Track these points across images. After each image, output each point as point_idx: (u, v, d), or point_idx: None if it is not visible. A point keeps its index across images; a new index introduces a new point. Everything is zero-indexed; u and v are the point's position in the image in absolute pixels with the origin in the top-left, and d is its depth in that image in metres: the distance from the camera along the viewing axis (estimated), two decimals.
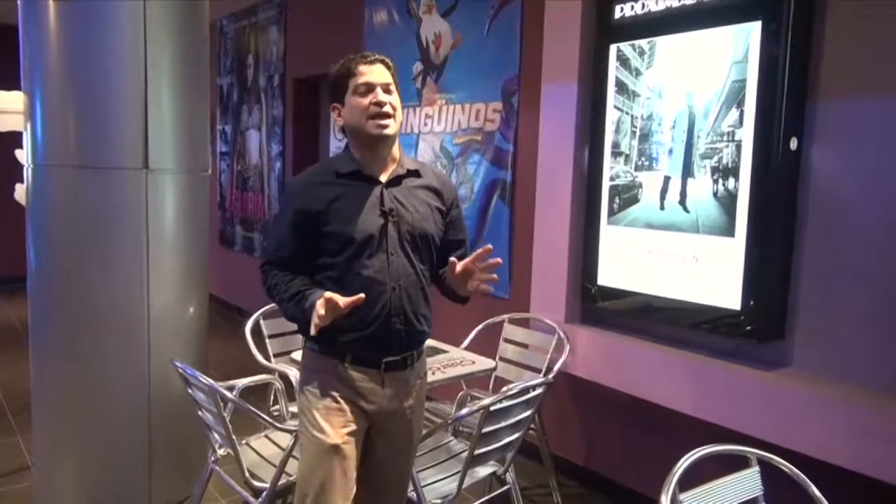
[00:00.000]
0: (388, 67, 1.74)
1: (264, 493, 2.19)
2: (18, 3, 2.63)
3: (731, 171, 2.35)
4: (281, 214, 1.81)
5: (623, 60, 2.70)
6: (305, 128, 5.38)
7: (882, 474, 2.01)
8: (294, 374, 2.68)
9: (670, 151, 2.55)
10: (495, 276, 1.68)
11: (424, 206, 1.79)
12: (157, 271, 2.69)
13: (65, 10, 2.52)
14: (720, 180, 2.39)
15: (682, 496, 1.52)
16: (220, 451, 2.39)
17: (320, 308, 1.58)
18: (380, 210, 1.72)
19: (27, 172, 2.68)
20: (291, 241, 1.76)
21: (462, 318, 2.93)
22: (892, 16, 2.09)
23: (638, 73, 2.65)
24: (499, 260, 1.66)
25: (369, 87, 1.69)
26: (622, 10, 2.68)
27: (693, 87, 2.47)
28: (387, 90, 1.70)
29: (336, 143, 5.15)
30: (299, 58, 5.27)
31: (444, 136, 3.83)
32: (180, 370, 2.22)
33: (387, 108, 1.68)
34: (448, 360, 2.64)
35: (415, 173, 1.81)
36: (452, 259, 1.67)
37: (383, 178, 1.76)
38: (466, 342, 3.01)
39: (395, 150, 1.78)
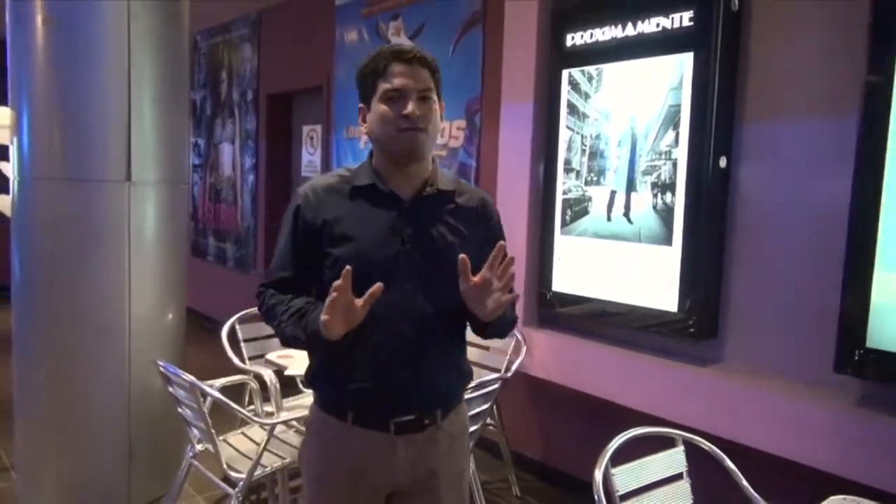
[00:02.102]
0: (429, 67, 1.43)
1: (241, 484, 2.36)
2: (7, 21, 2.77)
3: (669, 186, 2.60)
4: (283, 226, 1.52)
5: (574, 84, 2.95)
6: (278, 142, 5.55)
7: (806, 459, 2.24)
8: (269, 374, 2.86)
9: (616, 168, 2.79)
10: (516, 293, 1.40)
11: (456, 232, 1.49)
12: (138, 279, 2.84)
13: (51, 28, 2.66)
14: (659, 194, 2.63)
15: (613, 470, 1.74)
16: (199, 447, 2.55)
17: (329, 307, 1.29)
18: (396, 233, 1.44)
19: (13, 185, 2.82)
20: (292, 258, 1.48)
21: None
22: (804, 49, 2.36)
23: (587, 96, 2.90)
24: (513, 257, 1.35)
25: (401, 95, 1.39)
26: (573, 38, 2.92)
27: (635, 110, 2.72)
28: (423, 97, 1.40)
29: (308, 157, 5.33)
30: (273, 74, 5.45)
31: None
32: (162, 369, 2.38)
33: (418, 122, 1.38)
34: None
35: (450, 194, 1.51)
36: (462, 265, 1.35)
37: (407, 196, 1.46)
38: None
39: (429, 165, 1.49)
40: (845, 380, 2.21)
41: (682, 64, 2.54)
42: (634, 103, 2.72)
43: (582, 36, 2.89)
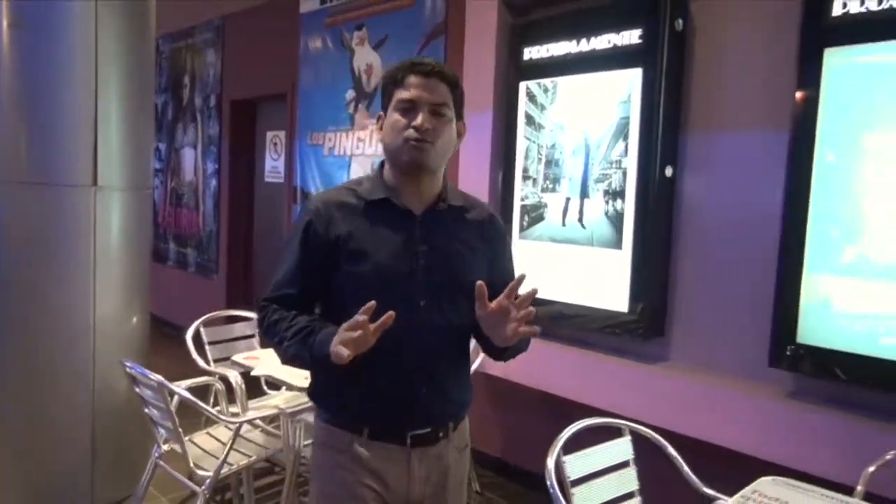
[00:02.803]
0: (448, 83, 1.42)
1: (208, 481, 2.42)
2: None
3: (619, 193, 2.76)
4: (291, 240, 1.49)
5: (531, 96, 3.09)
6: (242, 148, 5.58)
7: (744, 447, 2.40)
8: (234, 375, 2.92)
9: (570, 176, 2.94)
10: (536, 328, 1.35)
11: (467, 248, 1.49)
12: (103, 283, 2.87)
13: (18, 33, 2.67)
14: (610, 201, 2.79)
15: (565, 458, 1.86)
16: (165, 447, 2.59)
17: (347, 333, 1.28)
18: (410, 249, 1.43)
19: None
20: (300, 273, 1.46)
21: None
22: (741, 67, 2.54)
23: (543, 107, 3.04)
24: (535, 289, 1.36)
25: (413, 106, 1.39)
26: (530, 52, 3.07)
27: (588, 121, 2.87)
28: (436, 111, 1.39)
29: (271, 163, 5.38)
30: (236, 80, 5.48)
31: (375, 158, 4.14)
32: (129, 369, 2.43)
33: (426, 135, 1.38)
34: None
35: (460, 209, 1.52)
36: (479, 291, 1.35)
37: (419, 210, 1.46)
38: None
39: (440, 180, 1.49)
40: (779, 373, 2.39)
41: (631, 79, 2.70)
42: (587, 115, 2.87)
43: (538, 50, 3.03)
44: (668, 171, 2.69)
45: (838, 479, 2.02)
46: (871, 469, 1.98)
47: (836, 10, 2.18)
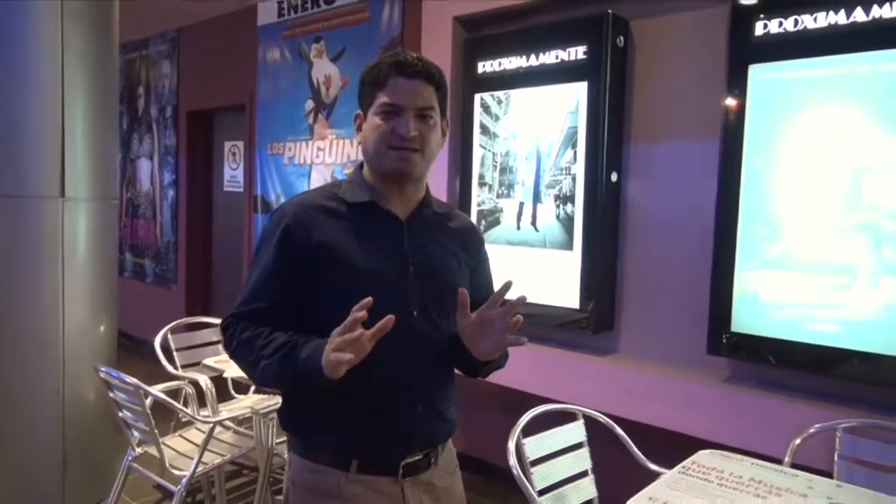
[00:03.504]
0: (434, 83, 1.33)
1: (184, 480, 2.50)
2: None
3: (569, 198, 2.96)
4: (261, 250, 1.33)
5: (485, 107, 3.27)
6: (200, 158, 5.61)
7: (687, 429, 2.60)
8: (204, 379, 3.01)
9: (523, 182, 3.13)
10: (524, 339, 1.24)
11: (452, 256, 1.41)
12: (71, 293, 2.91)
13: None
14: (561, 206, 2.98)
15: (524, 440, 2.03)
16: (139, 449, 2.67)
17: (342, 337, 1.14)
18: (399, 256, 1.33)
19: None
20: (274, 284, 1.30)
21: None
22: (678, 80, 2.77)
23: (497, 118, 3.23)
24: (523, 297, 1.24)
25: (397, 111, 1.28)
26: (484, 66, 3.25)
27: (539, 130, 3.07)
28: (422, 115, 1.30)
29: (230, 173, 5.43)
30: (193, 91, 5.52)
31: (335, 166, 4.26)
32: (103, 374, 2.50)
33: (413, 143, 1.28)
34: None
35: (443, 217, 1.45)
36: (462, 298, 1.26)
37: (403, 215, 1.37)
38: None
39: (423, 186, 1.41)
40: (717, 360, 2.62)
41: (577, 91, 2.91)
42: (538, 125, 3.07)
43: (491, 64, 3.22)
44: (614, 177, 2.90)
45: (769, 452, 2.24)
46: (797, 442, 2.22)
47: (759, 31, 2.42)
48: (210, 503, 3.06)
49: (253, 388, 3.21)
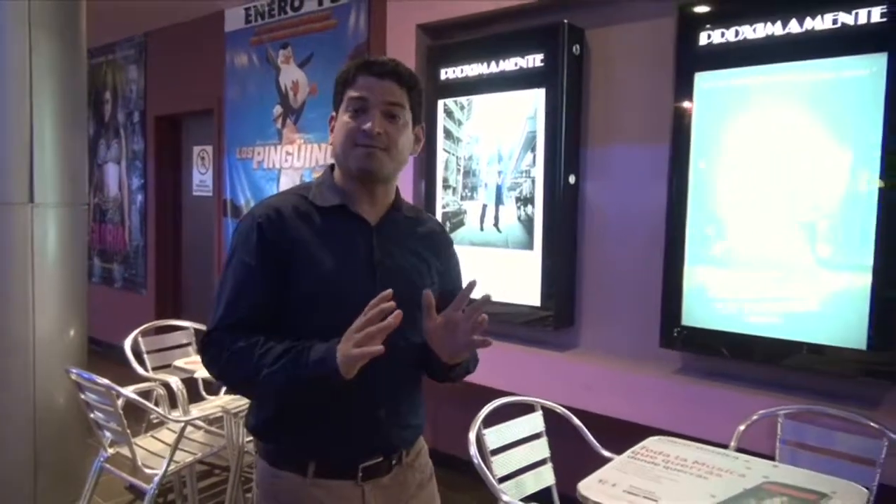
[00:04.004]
0: (404, 83, 1.31)
1: (157, 478, 2.56)
2: None
3: (529, 199, 3.07)
4: (235, 256, 1.31)
5: (449, 112, 3.38)
6: (168, 162, 5.63)
7: (642, 419, 2.73)
8: (175, 380, 3.06)
9: (486, 185, 3.24)
10: (490, 340, 1.26)
11: (421, 262, 1.40)
12: (41, 296, 2.95)
13: None
14: (522, 207, 3.10)
15: (484, 431, 2.14)
16: (111, 450, 2.71)
17: (360, 333, 1.14)
18: (367, 261, 1.32)
19: None
20: (254, 288, 1.28)
21: None
22: (631, 87, 2.91)
23: (460, 123, 3.34)
24: (488, 295, 1.24)
25: (363, 106, 1.28)
26: (446, 73, 3.36)
27: (500, 135, 3.18)
28: (389, 113, 1.28)
29: (199, 177, 5.46)
30: (160, 96, 5.53)
31: (304, 170, 4.33)
32: (75, 376, 2.55)
33: (378, 141, 1.27)
34: None
35: (413, 221, 1.44)
36: (427, 300, 1.26)
37: (373, 219, 1.35)
38: None
39: (393, 188, 1.40)
40: (669, 353, 2.75)
41: (536, 97, 3.03)
42: (499, 129, 3.18)
43: (454, 71, 3.32)
44: (572, 179, 3.02)
45: (717, 438, 2.37)
46: (742, 428, 2.36)
47: (703, 41, 2.57)
48: (182, 503, 3.12)
49: (224, 389, 3.26)
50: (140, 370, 3.21)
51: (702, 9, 2.58)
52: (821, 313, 2.36)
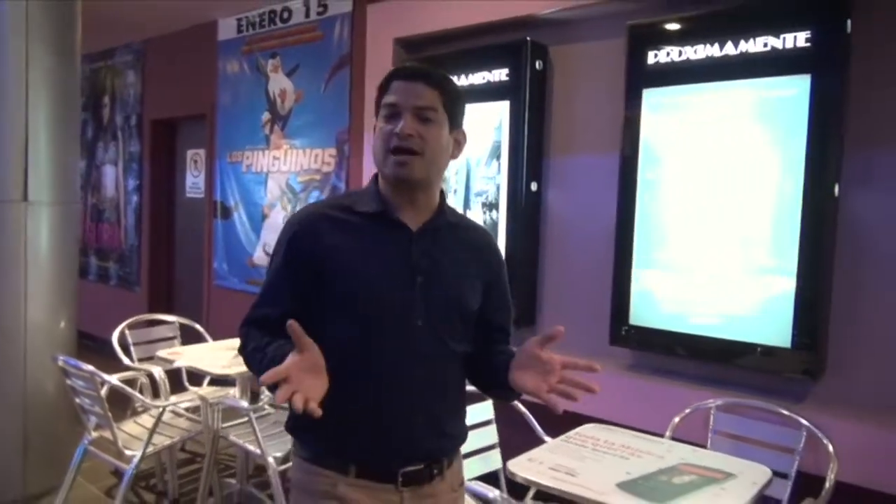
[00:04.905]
0: (436, 86, 1.32)
1: (135, 459, 2.74)
2: None
3: (494, 205, 3.27)
4: (273, 257, 1.39)
5: None
6: (162, 165, 5.83)
7: (593, 413, 2.90)
8: (158, 371, 3.25)
9: (455, 191, 3.43)
10: (559, 407, 1.24)
11: (463, 268, 1.39)
12: (34, 289, 3.15)
13: None
14: (487, 212, 3.29)
15: None
16: (95, 434, 2.89)
17: (282, 372, 1.13)
18: (407, 266, 1.32)
19: None
20: (283, 292, 1.34)
21: None
22: (589, 101, 3.10)
23: None
24: (597, 367, 1.27)
25: (394, 112, 1.29)
26: None
27: (469, 144, 3.33)
28: (421, 117, 1.29)
29: (192, 180, 5.66)
30: (157, 100, 5.74)
31: (290, 174, 4.53)
32: (62, 362, 2.74)
33: (411, 143, 1.27)
34: None
35: (456, 228, 1.42)
36: (535, 339, 1.29)
37: (414, 225, 1.35)
38: None
39: (436, 195, 1.39)
40: (619, 350, 2.93)
41: (501, 109, 3.22)
42: (468, 139, 3.36)
43: None
44: (534, 186, 3.21)
45: (656, 429, 2.55)
46: (677, 420, 2.54)
47: (651, 60, 2.76)
48: (163, 487, 3.30)
49: (207, 380, 3.45)
50: (126, 360, 3.40)
51: (649, 30, 2.77)
52: (753, 315, 2.54)
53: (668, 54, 2.71)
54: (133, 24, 5.30)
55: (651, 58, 2.75)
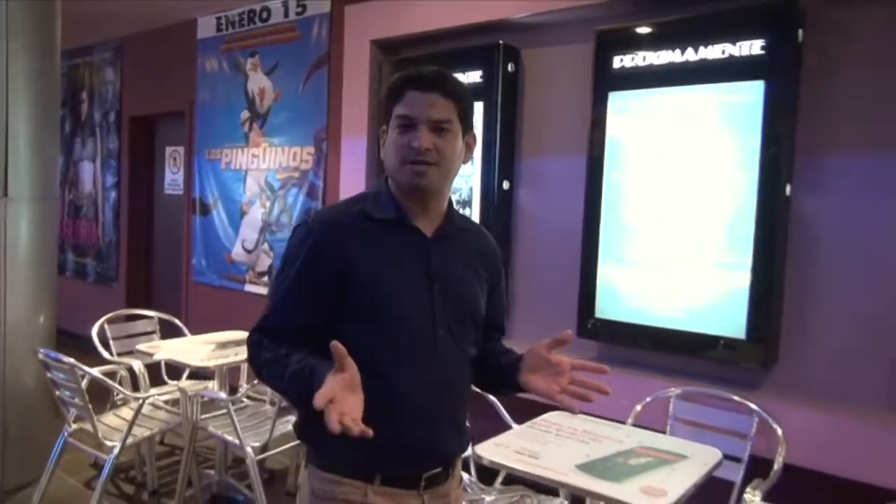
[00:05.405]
0: (451, 96, 1.31)
1: (115, 450, 2.81)
2: None
3: (468, 202, 3.37)
4: (287, 264, 1.34)
5: None
6: (142, 161, 5.86)
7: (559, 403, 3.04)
8: (138, 364, 3.31)
9: None
10: (576, 408, 1.31)
11: (473, 274, 1.42)
12: (13, 285, 3.19)
13: None
14: (461, 209, 3.39)
15: None
16: (75, 426, 2.95)
17: (328, 391, 1.10)
18: (425, 275, 1.33)
19: None
20: (300, 301, 1.31)
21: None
22: (558, 103, 3.22)
23: None
24: (606, 369, 1.33)
25: (411, 124, 1.29)
26: None
27: None
28: (437, 129, 1.29)
29: (171, 176, 5.70)
30: (135, 97, 5.76)
31: (268, 172, 4.59)
32: (42, 355, 2.79)
33: (427, 157, 1.27)
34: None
35: (465, 233, 1.45)
36: (544, 342, 1.34)
37: (428, 232, 1.36)
38: None
39: (445, 199, 1.40)
40: (586, 342, 3.06)
41: (475, 110, 3.32)
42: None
43: None
44: (506, 185, 3.33)
45: (619, 417, 2.67)
46: (638, 408, 2.67)
47: (617, 64, 2.88)
48: (142, 478, 3.36)
49: (186, 373, 3.51)
50: (105, 354, 3.45)
51: (615, 36, 2.89)
52: (711, 308, 2.67)
53: (632, 59, 2.84)
54: (112, 21, 5.32)
55: (617, 62, 2.87)
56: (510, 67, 3.28)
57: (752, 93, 2.54)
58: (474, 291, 1.41)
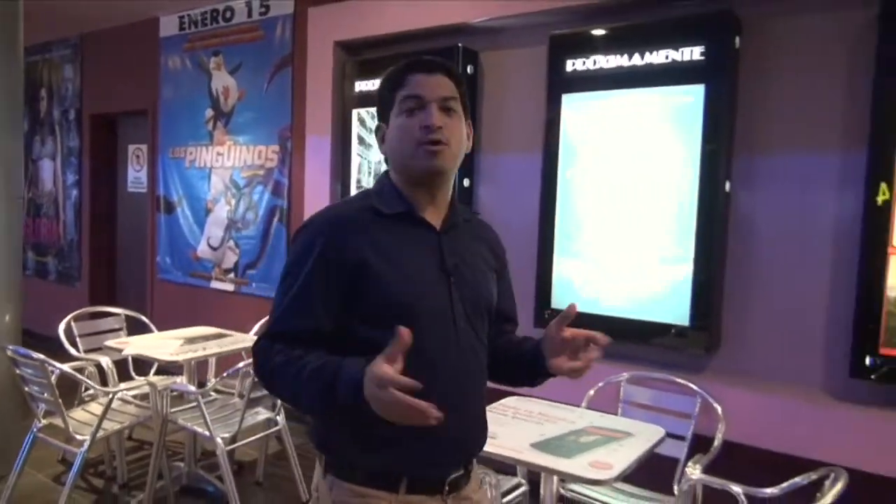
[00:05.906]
0: (454, 77, 1.30)
1: (85, 444, 2.86)
2: None
3: None
4: (295, 267, 1.27)
5: (362, 121, 3.77)
6: (103, 160, 5.83)
7: (527, 392, 3.19)
8: (106, 360, 3.36)
9: None
10: (580, 368, 1.29)
11: (482, 263, 1.40)
12: None
13: None
14: None
15: None
16: (44, 420, 3.00)
17: (383, 368, 1.05)
18: (440, 268, 1.30)
19: None
20: (312, 304, 1.24)
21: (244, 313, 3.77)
22: (516, 102, 3.36)
23: (371, 130, 3.73)
24: (608, 339, 1.28)
25: (420, 103, 1.25)
26: (360, 86, 3.76)
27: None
28: (445, 108, 1.26)
29: (134, 174, 5.70)
30: (96, 95, 5.73)
31: (233, 170, 4.65)
32: (11, 352, 2.83)
33: (439, 134, 1.23)
34: (231, 341, 3.46)
35: (470, 224, 1.43)
36: (553, 323, 1.31)
37: (436, 224, 1.32)
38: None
39: (451, 188, 1.36)
40: (541, 332, 3.20)
41: None
42: None
43: (366, 84, 3.72)
44: (466, 182, 3.46)
45: (571, 401, 2.83)
46: (591, 392, 2.83)
47: (569, 68, 3.04)
48: (112, 472, 3.42)
49: (154, 368, 3.57)
50: (73, 351, 3.49)
51: (568, 40, 3.05)
52: (659, 298, 2.85)
53: (584, 63, 2.99)
54: (71, 18, 5.29)
55: (569, 65, 3.03)
56: (469, 69, 3.41)
57: (693, 95, 2.72)
58: (487, 282, 1.39)
